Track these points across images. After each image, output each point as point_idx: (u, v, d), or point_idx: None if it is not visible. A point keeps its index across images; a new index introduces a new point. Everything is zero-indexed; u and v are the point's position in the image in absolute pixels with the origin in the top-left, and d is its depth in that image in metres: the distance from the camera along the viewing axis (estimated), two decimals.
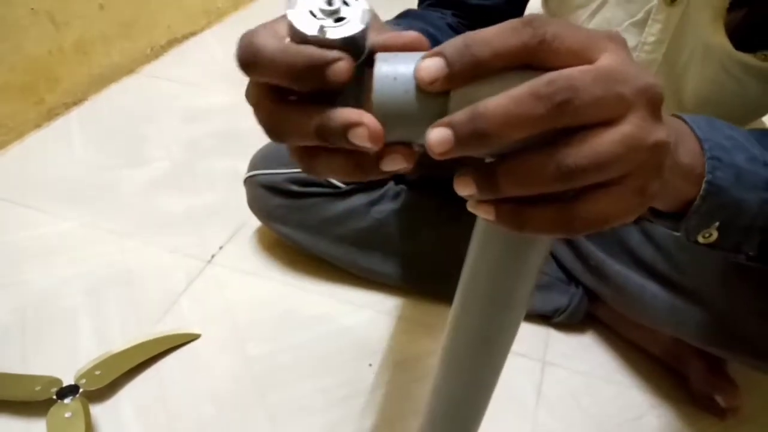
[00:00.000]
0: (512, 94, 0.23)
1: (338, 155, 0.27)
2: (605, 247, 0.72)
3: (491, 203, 0.26)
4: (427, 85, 0.24)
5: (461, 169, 0.25)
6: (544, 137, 0.23)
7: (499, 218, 0.26)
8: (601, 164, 0.23)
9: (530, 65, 0.24)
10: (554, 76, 0.23)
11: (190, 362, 0.72)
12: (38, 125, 1.09)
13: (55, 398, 0.64)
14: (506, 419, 0.68)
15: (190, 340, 0.74)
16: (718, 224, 0.34)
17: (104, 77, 1.21)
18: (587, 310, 0.78)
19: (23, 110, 1.06)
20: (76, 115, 1.14)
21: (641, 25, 0.56)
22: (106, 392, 0.67)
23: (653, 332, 0.73)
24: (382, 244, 0.78)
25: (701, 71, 0.55)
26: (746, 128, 0.66)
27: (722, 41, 0.52)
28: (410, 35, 0.27)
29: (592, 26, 0.58)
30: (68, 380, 0.66)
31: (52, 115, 1.11)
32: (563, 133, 0.23)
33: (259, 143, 0.82)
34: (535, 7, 0.70)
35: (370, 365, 0.73)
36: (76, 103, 1.16)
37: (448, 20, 0.61)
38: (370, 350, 0.74)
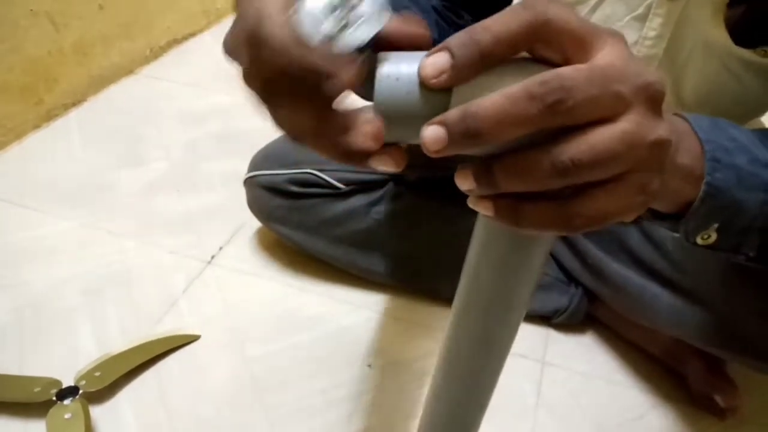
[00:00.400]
0: (506, 93, 0.23)
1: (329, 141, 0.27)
2: (604, 246, 0.72)
3: (490, 199, 0.26)
4: (431, 80, 0.24)
5: (462, 163, 0.26)
6: (543, 134, 0.23)
7: (497, 214, 0.26)
8: (598, 161, 0.23)
9: (533, 53, 0.24)
10: (548, 76, 0.23)
11: (189, 363, 0.72)
12: (37, 126, 1.09)
13: (54, 399, 0.64)
14: (506, 419, 0.68)
15: (189, 341, 0.74)
16: (717, 225, 0.33)
17: (103, 78, 1.21)
18: (587, 310, 0.78)
19: (22, 111, 1.06)
20: (75, 115, 1.14)
21: (642, 19, 0.56)
22: (105, 393, 0.67)
23: (653, 332, 0.73)
24: (381, 244, 0.78)
25: (701, 67, 0.55)
26: (746, 127, 0.66)
27: (722, 37, 0.52)
28: (415, 29, 0.27)
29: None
30: (68, 381, 0.66)
31: (51, 115, 1.11)
32: (562, 129, 0.23)
33: (258, 144, 0.82)
34: None
35: (369, 366, 0.73)
36: (75, 103, 1.16)
37: (432, 2, 0.60)
38: (369, 351, 0.75)
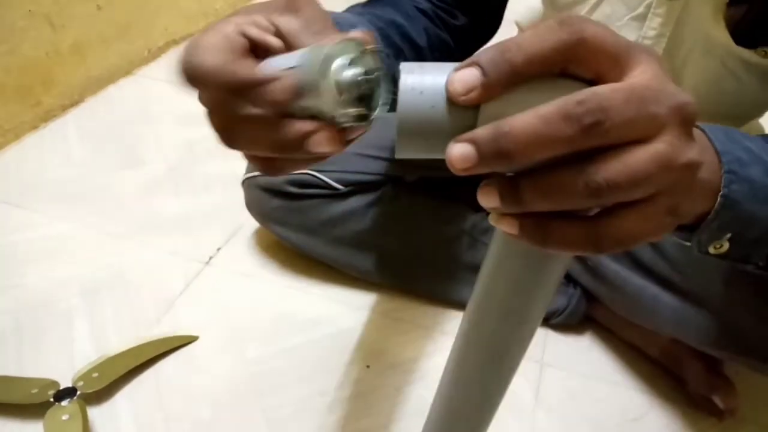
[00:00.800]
0: (540, 112, 0.22)
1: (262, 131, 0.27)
2: None
3: (515, 217, 0.25)
4: (461, 96, 0.23)
5: (486, 179, 0.25)
6: (574, 153, 0.22)
7: (523, 233, 0.25)
8: (632, 182, 0.22)
9: (566, 71, 0.23)
10: (586, 95, 0.22)
11: (187, 364, 0.72)
12: (35, 127, 1.09)
13: (52, 401, 0.64)
14: (505, 421, 0.68)
15: (187, 342, 0.74)
16: (729, 236, 0.33)
17: (101, 79, 1.21)
18: (585, 311, 0.78)
19: (20, 112, 1.06)
20: (72, 116, 1.13)
21: (641, 19, 0.56)
22: (103, 395, 0.67)
23: (651, 333, 0.73)
24: (379, 245, 0.78)
25: (700, 67, 0.55)
26: (743, 129, 0.66)
27: (722, 36, 0.52)
28: (356, 36, 0.27)
29: None
30: (65, 383, 0.66)
31: (48, 116, 1.11)
32: (594, 149, 0.23)
33: None
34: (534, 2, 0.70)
35: (367, 367, 0.73)
36: (72, 104, 1.15)
37: (422, 5, 0.59)
38: (367, 352, 0.74)
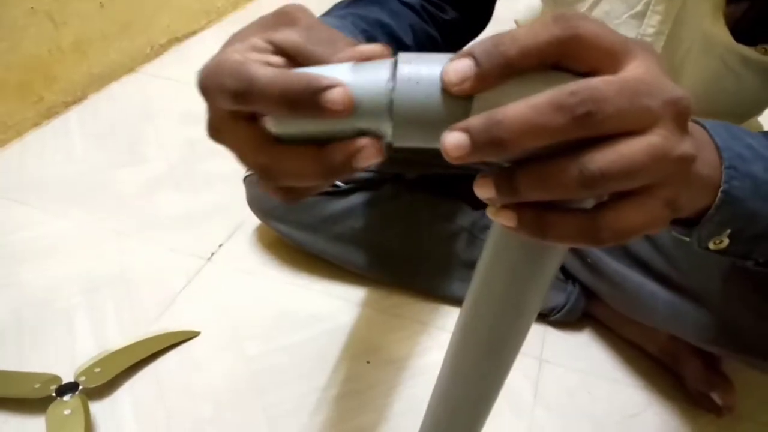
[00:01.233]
0: (532, 102, 0.22)
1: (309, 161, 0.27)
2: None
3: (514, 210, 0.25)
4: (454, 86, 0.23)
5: (482, 171, 0.25)
6: (567, 143, 0.23)
7: (521, 225, 0.25)
8: (625, 172, 0.23)
9: (560, 65, 0.23)
10: (578, 86, 0.22)
11: (188, 360, 0.72)
12: (37, 124, 1.09)
13: (54, 396, 0.64)
14: (503, 417, 0.68)
15: (189, 337, 0.74)
16: (729, 232, 0.33)
17: (103, 76, 1.21)
18: (584, 308, 0.78)
19: (22, 109, 1.06)
20: (75, 113, 1.14)
21: (640, 17, 0.55)
22: (105, 390, 0.67)
23: (650, 330, 0.73)
24: (379, 242, 0.78)
25: (700, 65, 0.55)
26: (744, 127, 0.66)
27: (722, 33, 0.52)
28: (372, 49, 0.27)
29: None
30: (67, 378, 0.66)
31: (51, 113, 1.12)
32: (588, 139, 0.23)
33: None
34: None
35: (368, 363, 0.73)
36: (75, 101, 1.16)
37: (411, 0, 0.59)
38: (368, 348, 0.75)
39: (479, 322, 0.35)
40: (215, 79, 0.26)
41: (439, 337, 0.76)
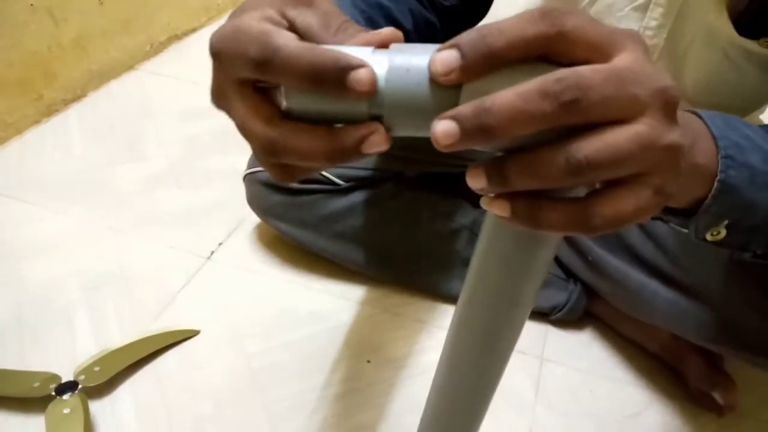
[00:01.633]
0: (520, 89, 0.22)
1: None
2: (604, 243, 0.72)
3: (507, 200, 0.25)
4: (441, 77, 0.23)
5: (474, 162, 0.25)
6: (557, 131, 0.23)
7: (514, 215, 0.25)
8: (612, 160, 0.23)
9: (547, 58, 0.23)
10: (564, 73, 0.22)
11: (188, 358, 0.72)
12: (37, 121, 1.09)
13: (53, 394, 0.64)
14: (505, 415, 0.68)
15: (189, 336, 0.74)
16: (727, 222, 0.33)
17: (103, 73, 1.21)
18: (585, 307, 0.78)
19: (22, 106, 1.06)
20: (74, 111, 1.14)
21: (643, 9, 0.55)
22: (105, 388, 0.67)
23: (651, 329, 0.73)
24: (380, 241, 0.78)
25: (702, 58, 0.55)
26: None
27: (725, 25, 0.52)
28: (385, 34, 0.27)
29: (593, 12, 0.57)
30: (67, 376, 0.66)
31: (50, 110, 1.11)
32: (576, 127, 0.23)
33: None
34: None
35: (368, 362, 0.73)
36: (74, 99, 1.16)
37: None
38: (368, 347, 0.75)
39: (475, 314, 0.35)
40: (234, 44, 0.26)
41: (439, 336, 0.76)
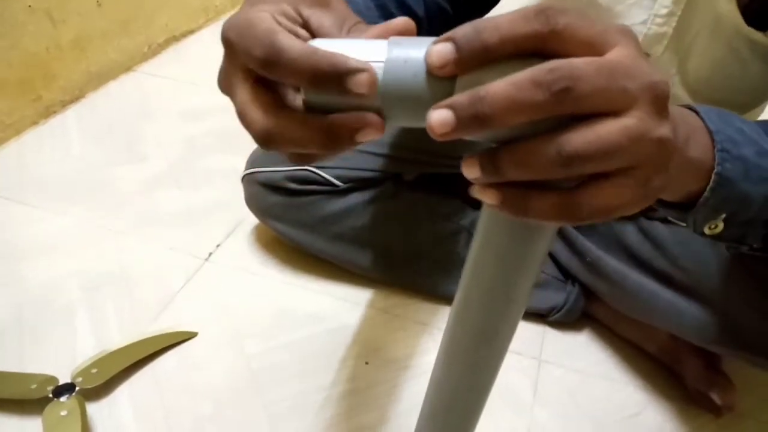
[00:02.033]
0: (513, 79, 0.23)
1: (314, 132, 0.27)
2: (602, 243, 0.72)
3: (497, 189, 0.26)
4: (436, 69, 0.24)
5: (469, 153, 0.26)
6: (550, 122, 0.24)
7: (504, 203, 0.26)
8: (601, 152, 0.23)
9: (540, 54, 0.24)
10: (556, 64, 0.23)
11: (187, 360, 0.72)
12: (35, 122, 1.09)
13: (51, 396, 0.64)
14: (503, 417, 0.68)
15: (187, 338, 0.74)
16: (724, 216, 0.34)
17: (102, 74, 1.21)
18: (583, 308, 0.78)
19: (20, 107, 1.06)
20: (73, 112, 1.14)
21: None
22: (102, 390, 0.67)
23: (649, 330, 0.73)
24: (378, 242, 0.78)
25: (707, 48, 0.55)
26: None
27: (733, 13, 0.52)
28: (399, 24, 0.28)
29: (603, 0, 0.58)
30: (64, 378, 0.66)
31: (49, 112, 1.11)
32: (569, 119, 0.24)
33: None
34: None
35: (366, 363, 0.73)
36: (73, 100, 1.16)
37: None
38: (366, 348, 0.75)
39: (470, 309, 0.35)
40: (242, 39, 0.27)
41: (438, 337, 0.76)
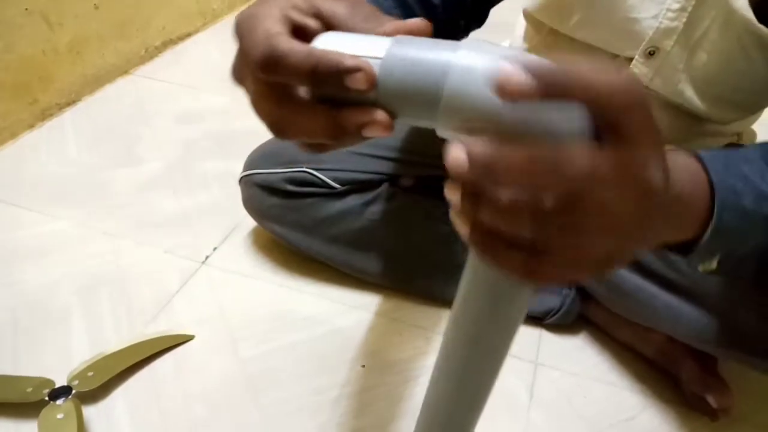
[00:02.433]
0: (535, 156, 0.23)
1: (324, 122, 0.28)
2: None
3: (470, 221, 0.26)
4: (502, 90, 0.23)
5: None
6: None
7: (471, 237, 0.26)
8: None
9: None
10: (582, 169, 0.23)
11: (183, 363, 0.72)
12: (32, 125, 1.09)
13: (47, 399, 0.63)
14: (499, 420, 0.68)
15: (183, 341, 0.74)
16: (718, 257, 0.35)
17: (98, 78, 1.21)
18: (579, 311, 0.78)
19: (16, 110, 1.06)
20: (69, 115, 1.13)
21: None
22: (98, 393, 0.67)
23: (645, 333, 0.73)
24: (376, 244, 0.78)
25: (716, 43, 0.55)
26: (743, 121, 0.65)
27: (744, 8, 0.52)
28: (415, 24, 0.28)
29: None
30: (60, 381, 0.66)
31: (45, 115, 1.11)
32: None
33: (253, 144, 0.82)
34: None
35: (363, 366, 0.73)
36: (69, 103, 1.15)
37: None
38: (363, 351, 0.75)
39: (453, 355, 0.37)
40: (245, 41, 0.28)
41: (435, 340, 0.76)
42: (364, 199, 0.77)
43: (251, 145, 0.82)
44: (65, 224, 0.89)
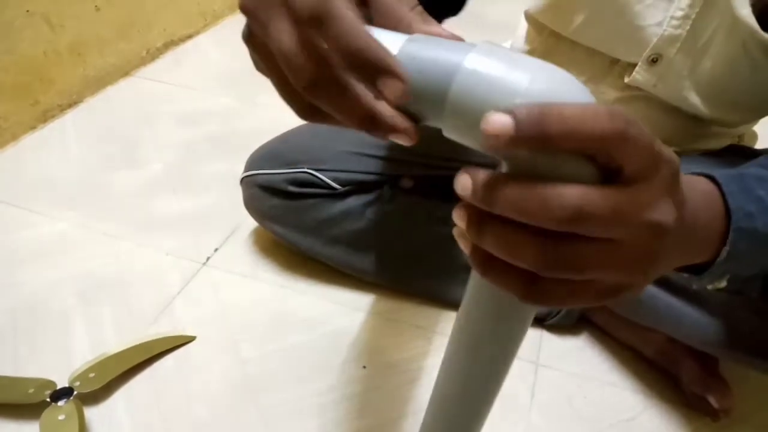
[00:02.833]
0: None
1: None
2: None
3: (475, 229, 0.25)
4: (489, 137, 0.22)
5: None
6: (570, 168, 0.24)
7: (471, 256, 0.26)
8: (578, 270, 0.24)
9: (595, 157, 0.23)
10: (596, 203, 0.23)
11: (184, 364, 0.72)
12: (33, 127, 1.09)
13: (48, 401, 0.64)
14: (500, 421, 0.68)
15: (184, 342, 0.74)
16: (728, 277, 0.35)
17: (99, 79, 1.21)
18: (580, 312, 0.78)
19: (18, 111, 1.06)
20: (70, 116, 1.13)
21: None
22: (100, 394, 0.67)
23: (646, 333, 0.73)
24: (376, 245, 0.78)
25: (721, 49, 0.55)
26: (745, 127, 0.65)
27: (749, 16, 0.52)
28: (443, 34, 0.28)
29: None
30: (62, 383, 0.66)
31: (46, 116, 1.11)
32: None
33: (254, 145, 0.82)
34: None
35: (364, 367, 0.73)
36: (71, 104, 1.16)
37: None
38: (364, 352, 0.75)
39: (457, 366, 0.37)
40: None
41: (436, 341, 0.76)
42: (364, 200, 0.77)
43: (252, 146, 0.82)
44: (66, 225, 0.89)
